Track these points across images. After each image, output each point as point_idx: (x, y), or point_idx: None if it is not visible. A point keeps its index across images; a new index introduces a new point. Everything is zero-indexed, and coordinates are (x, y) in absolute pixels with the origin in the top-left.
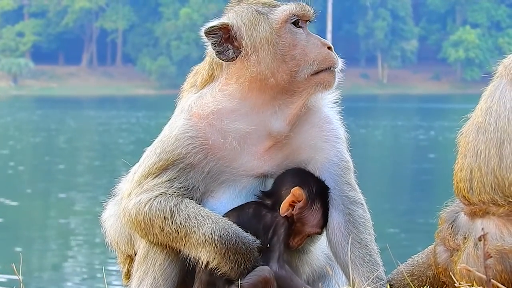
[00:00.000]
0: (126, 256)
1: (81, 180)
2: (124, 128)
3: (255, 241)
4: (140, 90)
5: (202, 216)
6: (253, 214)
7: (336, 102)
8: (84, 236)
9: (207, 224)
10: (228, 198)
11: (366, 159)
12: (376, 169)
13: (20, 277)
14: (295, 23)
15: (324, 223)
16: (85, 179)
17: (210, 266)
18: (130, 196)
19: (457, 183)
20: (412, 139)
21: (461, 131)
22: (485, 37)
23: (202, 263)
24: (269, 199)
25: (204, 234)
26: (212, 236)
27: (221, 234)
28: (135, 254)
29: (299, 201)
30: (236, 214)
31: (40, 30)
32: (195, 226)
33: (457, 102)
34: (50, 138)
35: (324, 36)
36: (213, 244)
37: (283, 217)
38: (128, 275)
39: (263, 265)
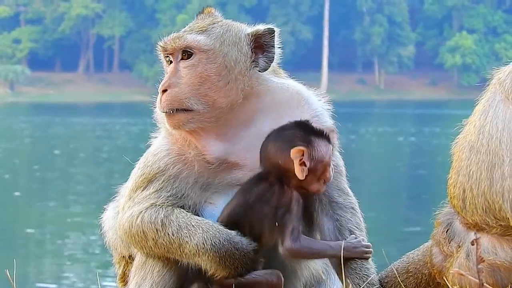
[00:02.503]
0: (121, 257)
1: (61, 187)
2: (109, 136)
3: (250, 244)
4: (137, 96)
5: (192, 226)
6: (256, 199)
7: (327, 106)
8: (56, 246)
9: (198, 233)
10: (225, 203)
11: (362, 165)
12: (371, 176)
13: (14, 284)
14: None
15: (329, 150)
16: (65, 186)
17: (209, 273)
18: (124, 210)
19: (451, 198)
20: (409, 144)
21: (456, 142)
22: (481, 42)
23: (202, 269)
24: (269, 177)
25: (196, 244)
26: (204, 246)
27: (213, 243)
28: (130, 257)
29: (303, 156)
30: (234, 208)
31: (37, 37)
32: (187, 236)
33: (454, 108)
34: (33, 145)
35: (320, 42)
36: (207, 254)
37: (291, 189)
38: (123, 277)
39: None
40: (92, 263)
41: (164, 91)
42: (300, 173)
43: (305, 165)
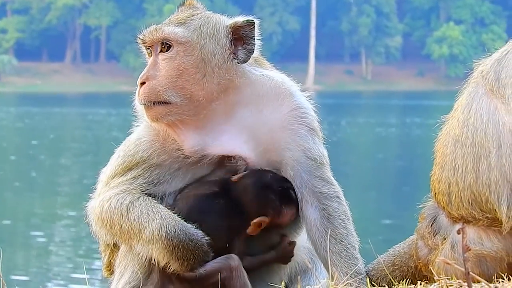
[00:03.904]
0: (106, 245)
1: (48, 178)
2: (95, 126)
3: (204, 237)
4: (123, 86)
5: (153, 212)
6: (220, 211)
7: (311, 98)
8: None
9: (156, 220)
10: None
11: (350, 155)
12: (358, 167)
13: (1, 274)
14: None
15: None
16: (51, 177)
17: (162, 263)
18: (99, 195)
19: (435, 194)
20: (396, 135)
21: (439, 138)
22: (469, 33)
23: (156, 262)
24: (232, 199)
25: (152, 230)
26: (159, 233)
27: (168, 231)
28: (115, 245)
29: (265, 222)
30: (200, 199)
31: (24, 27)
32: (145, 222)
33: (441, 99)
34: (19, 136)
35: (307, 33)
36: (161, 241)
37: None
38: (109, 266)
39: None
40: (79, 252)
41: (143, 83)
42: (252, 231)
43: (260, 227)
